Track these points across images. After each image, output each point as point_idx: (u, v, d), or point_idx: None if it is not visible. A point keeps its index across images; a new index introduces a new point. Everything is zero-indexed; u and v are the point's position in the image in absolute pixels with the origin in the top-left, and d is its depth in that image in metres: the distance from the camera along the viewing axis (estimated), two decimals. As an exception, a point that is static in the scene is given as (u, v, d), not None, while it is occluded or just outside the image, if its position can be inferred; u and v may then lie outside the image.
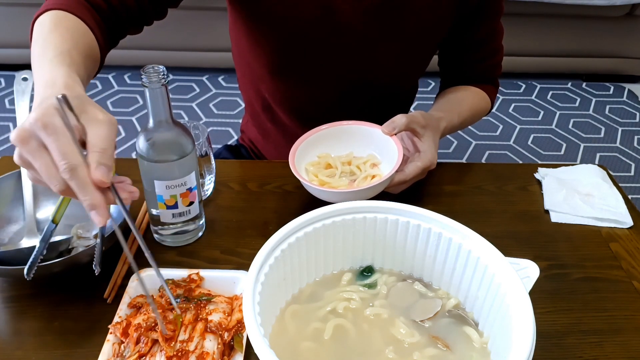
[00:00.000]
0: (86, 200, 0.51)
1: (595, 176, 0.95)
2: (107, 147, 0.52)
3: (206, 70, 2.75)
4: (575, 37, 2.64)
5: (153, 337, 0.61)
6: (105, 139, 0.52)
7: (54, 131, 0.50)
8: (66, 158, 0.50)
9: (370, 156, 0.88)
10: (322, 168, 0.86)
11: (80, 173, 0.50)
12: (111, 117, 0.54)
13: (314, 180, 0.84)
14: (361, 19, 0.90)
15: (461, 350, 0.56)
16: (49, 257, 0.69)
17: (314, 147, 0.88)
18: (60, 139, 0.50)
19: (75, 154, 0.50)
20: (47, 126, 0.50)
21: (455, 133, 2.38)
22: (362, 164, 0.86)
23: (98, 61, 0.74)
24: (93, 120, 0.53)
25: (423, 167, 0.82)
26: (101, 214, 0.51)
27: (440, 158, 0.88)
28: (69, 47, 0.65)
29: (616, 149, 2.35)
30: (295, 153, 0.84)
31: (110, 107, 2.46)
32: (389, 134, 0.84)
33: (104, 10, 0.76)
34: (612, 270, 0.79)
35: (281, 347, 0.53)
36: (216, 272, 0.71)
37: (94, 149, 0.51)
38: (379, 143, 0.86)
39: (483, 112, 1.07)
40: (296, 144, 0.85)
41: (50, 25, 0.68)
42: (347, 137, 0.89)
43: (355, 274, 0.64)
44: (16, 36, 2.51)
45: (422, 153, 0.83)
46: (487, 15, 0.97)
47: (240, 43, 1.00)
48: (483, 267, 0.56)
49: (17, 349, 0.65)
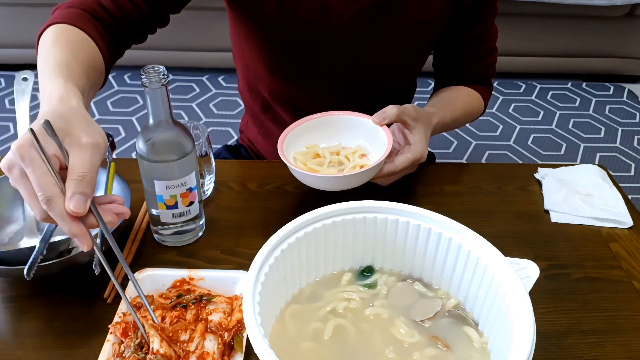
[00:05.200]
0: (65, 229, 0.52)
1: (595, 176, 0.95)
2: (85, 174, 0.52)
3: (206, 70, 2.75)
4: (575, 37, 2.64)
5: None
6: (84, 164, 0.52)
7: (31, 162, 0.51)
8: (42, 190, 0.50)
9: (359, 147, 0.87)
10: (310, 158, 0.85)
11: (56, 205, 0.51)
12: (96, 139, 0.54)
13: (302, 168, 0.83)
14: (357, 19, 0.91)
15: (461, 350, 0.56)
16: (49, 257, 0.69)
17: (302, 137, 0.86)
18: (36, 170, 0.51)
19: (51, 185, 0.51)
20: (24, 158, 0.51)
21: (455, 133, 2.38)
22: (351, 154, 0.85)
23: (102, 71, 0.75)
24: (75, 144, 0.53)
25: (413, 159, 0.81)
26: (82, 242, 0.53)
27: (440, 158, 0.88)
28: (68, 59, 0.66)
29: (616, 149, 2.35)
30: (283, 141, 0.83)
31: (110, 107, 2.46)
32: (379, 123, 0.83)
33: (107, 21, 0.77)
34: (612, 270, 0.79)
35: (281, 347, 0.53)
36: (216, 272, 0.71)
37: (71, 177, 0.51)
38: (369, 133, 0.85)
39: (476, 112, 1.07)
40: (285, 133, 0.84)
41: (52, 40, 0.69)
42: (335, 127, 0.88)
43: (355, 274, 0.64)
44: (16, 36, 2.51)
45: (413, 145, 0.83)
46: (482, 15, 0.97)
47: (240, 44, 1.01)
48: (483, 267, 0.56)
49: (17, 349, 0.65)
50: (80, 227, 0.52)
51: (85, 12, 0.75)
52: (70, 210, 0.51)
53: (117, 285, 0.58)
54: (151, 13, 0.82)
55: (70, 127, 0.54)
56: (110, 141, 0.81)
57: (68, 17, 0.73)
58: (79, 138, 0.53)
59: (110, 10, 0.77)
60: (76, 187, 0.51)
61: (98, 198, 0.56)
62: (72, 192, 0.51)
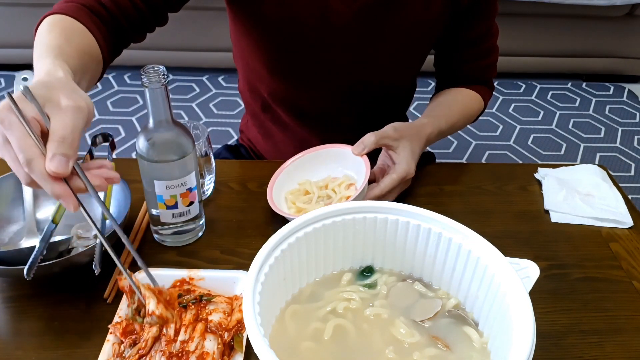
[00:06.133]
0: (48, 190, 0.51)
1: (595, 176, 0.95)
2: (66, 135, 0.51)
3: (206, 70, 2.75)
4: (575, 37, 2.64)
5: (153, 335, 0.61)
6: (65, 126, 0.52)
7: (10, 126, 0.51)
8: (22, 151, 0.50)
9: (346, 177, 0.88)
10: (301, 195, 0.86)
11: (37, 166, 0.50)
12: (78, 102, 0.53)
13: (291, 207, 0.84)
14: (356, 18, 0.91)
15: (461, 350, 0.56)
16: (48, 257, 0.69)
17: (294, 175, 0.88)
18: (15, 132, 0.50)
19: (30, 146, 0.50)
20: (3, 121, 0.51)
21: (455, 133, 2.38)
22: (338, 186, 0.87)
23: (100, 60, 0.75)
24: (56, 107, 0.53)
25: (398, 178, 0.83)
26: (67, 202, 0.52)
27: (440, 158, 0.88)
28: (60, 42, 0.66)
29: (616, 149, 2.35)
30: (274, 184, 0.85)
31: (110, 107, 2.46)
32: (359, 154, 0.85)
33: (105, 17, 0.77)
34: (612, 270, 0.79)
35: (281, 347, 0.53)
36: (216, 272, 0.71)
37: (51, 138, 0.51)
38: (353, 163, 0.87)
39: (475, 114, 1.07)
40: (275, 175, 0.86)
41: (47, 28, 0.70)
42: (322, 160, 0.89)
43: (355, 274, 0.64)
44: (16, 36, 2.51)
45: (397, 165, 0.84)
46: (481, 14, 0.97)
47: (240, 43, 1.01)
48: (483, 267, 0.56)
49: (17, 349, 0.65)
50: (64, 187, 0.52)
51: (83, 7, 0.75)
52: (51, 171, 0.50)
53: (111, 251, 0.57)
54: (150, 12, 0.82)
55: (51, 93, 0.54)
56: (110, 141, 0.81)
57: (66, 9, 0.74)
58: (59, 102, 0.53)
59: (109, 8, 0.78)
60: (57, 148, 0.50)
61: (86, 164, 0.56)
62: (52, 153, 0.50)
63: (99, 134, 0.80)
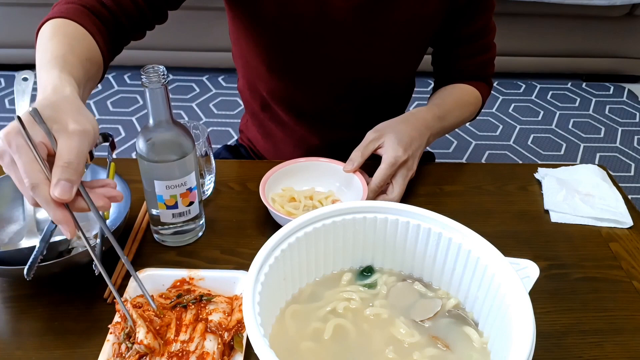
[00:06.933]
0: (49, 215, 0.53)
1: (595, 176, 0.95)
2: (71, 160, 0.52)
3: (206, 70, 2.75)
4: (575, 37, 2.64)
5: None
6: (70, 151, 0.52)
7: (18, 149, 0.51)
8: (28, 176, 0.51)
9: (330, 192, 0.88)
10: (286, 201, 0.87)
11: (41, 191, 0.52)
12: (84, 127, 0.54)
13: (280, 210, 0.84)
14: (354, 15, 0.91)
15: (461, 350, 0.56)
16: (48, 257, 0.68)
17: (280, 180, 0.88)
18: (23, 157, 0.51)
19: (36, 172, 0.51)
20: (11, 144, 0.52)
21: (455, 133, 2.38)
22: (325, 198, 0.87)
23: (100, 65, 0.75)
24: (63, 132, 0.53)
25: (387, 166, 0.83)
26: (65, 229, 0.53)
27: (440, 158, 0.88)
28: (65, 51, 0.66)
29: (616, 149, 2.35)
30: (265, 184, 0.85)
31: (110, 107, 2.46)
32: (350, 171, 0.85)
33: (105, 17, 0.77)
34: (612, 270, 0.79)
35: (281, 347, 0.53)
36: (216, 272, 0.71)
37: (57, 164, 0.52)
38: (344, 178, 0.88)
39: (472, 104, 1.06)
40: (267, 175, 0.86)
41: (49, 33, 0.70)
42: (312, 172, 0.90)
43: (355, 274, 0.64)
44: (16, 36, 2.51)
45: (383, 155, 0.85)
46: (479, 9, 0.98)
47: (239, 42, 1.01)
48: (483, 267, 0.56)
49: (17, 349, 0.65)
50: (65, 213, 0.53)
51: (84, 8, 0.75)
52: (55, 197, 0.51)
53: (104, 274, 0.58)
54: (150, 10, 0.82)
55: (58, 115, 0.54)
56: (110, 141, 0.81)
57: (67, 12, 0.73)
58: (66, 125, 0.54)
59: (109, 7, 0.78)
60: (62, 174, 0.51)
61: (90, 182, 0.56)
62: (57, 179, 0.51)
63: (99, 134, 0.80)
